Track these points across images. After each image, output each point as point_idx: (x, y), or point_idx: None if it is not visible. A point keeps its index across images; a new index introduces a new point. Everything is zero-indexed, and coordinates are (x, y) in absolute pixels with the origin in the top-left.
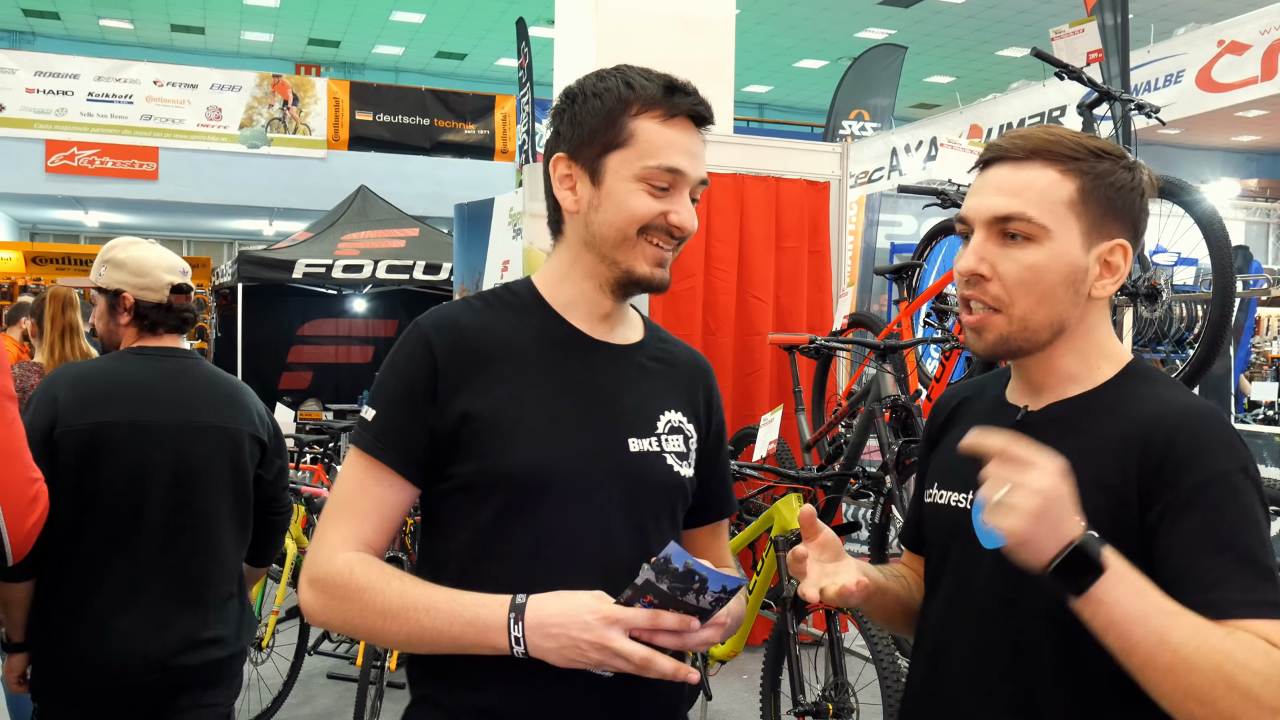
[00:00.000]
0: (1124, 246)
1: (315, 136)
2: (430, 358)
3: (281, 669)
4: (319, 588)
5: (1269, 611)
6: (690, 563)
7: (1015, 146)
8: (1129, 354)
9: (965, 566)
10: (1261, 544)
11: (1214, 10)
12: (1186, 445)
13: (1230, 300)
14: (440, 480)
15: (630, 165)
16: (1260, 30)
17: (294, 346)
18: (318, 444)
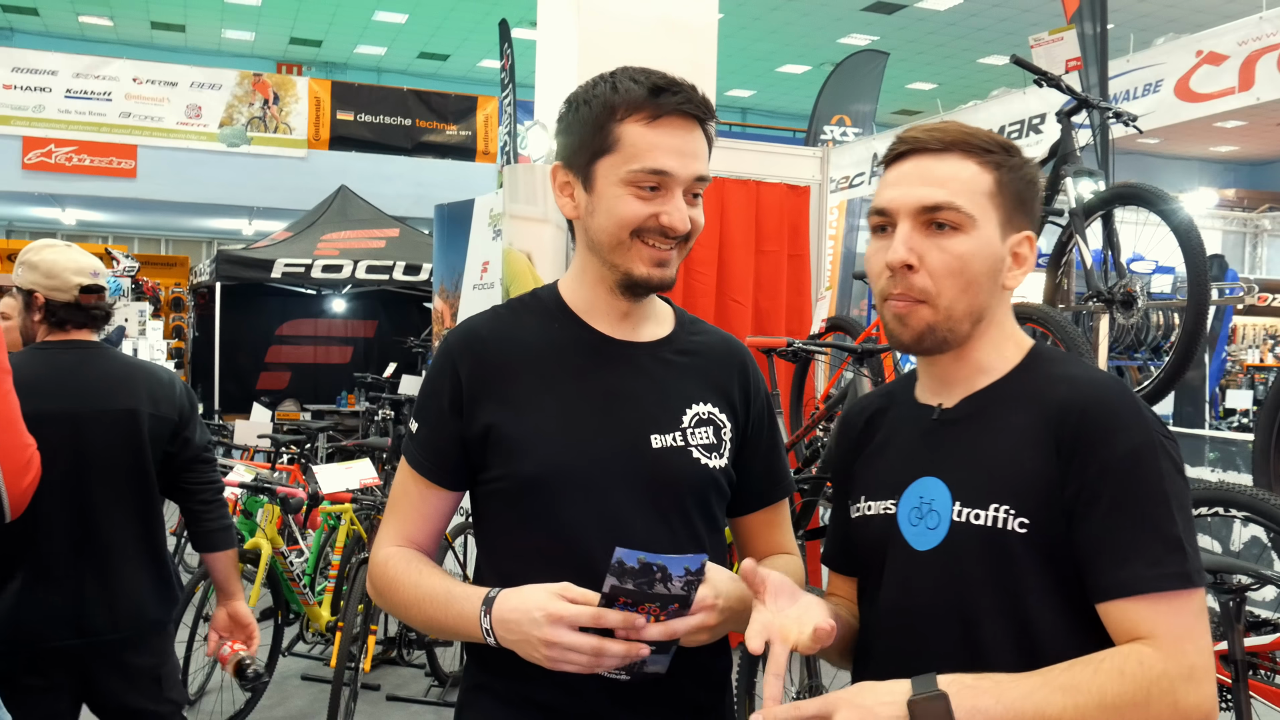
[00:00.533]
0: (1030, 238)
1: (296, 136)
2: (454, 373)
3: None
4: (371, 580)
5: (1174, 582)
6: (642, 557)
7: (932, 138)
8: (1029, 338)
9: (905, 566)
10: (1171, 515)
11: (1192, 21)
12: (1096, 424)
13: (1204, 308)
14: (479, 483)
15: (617, 170)
16: (1238, 41)
17: (272, 346)
18: (294, 444)
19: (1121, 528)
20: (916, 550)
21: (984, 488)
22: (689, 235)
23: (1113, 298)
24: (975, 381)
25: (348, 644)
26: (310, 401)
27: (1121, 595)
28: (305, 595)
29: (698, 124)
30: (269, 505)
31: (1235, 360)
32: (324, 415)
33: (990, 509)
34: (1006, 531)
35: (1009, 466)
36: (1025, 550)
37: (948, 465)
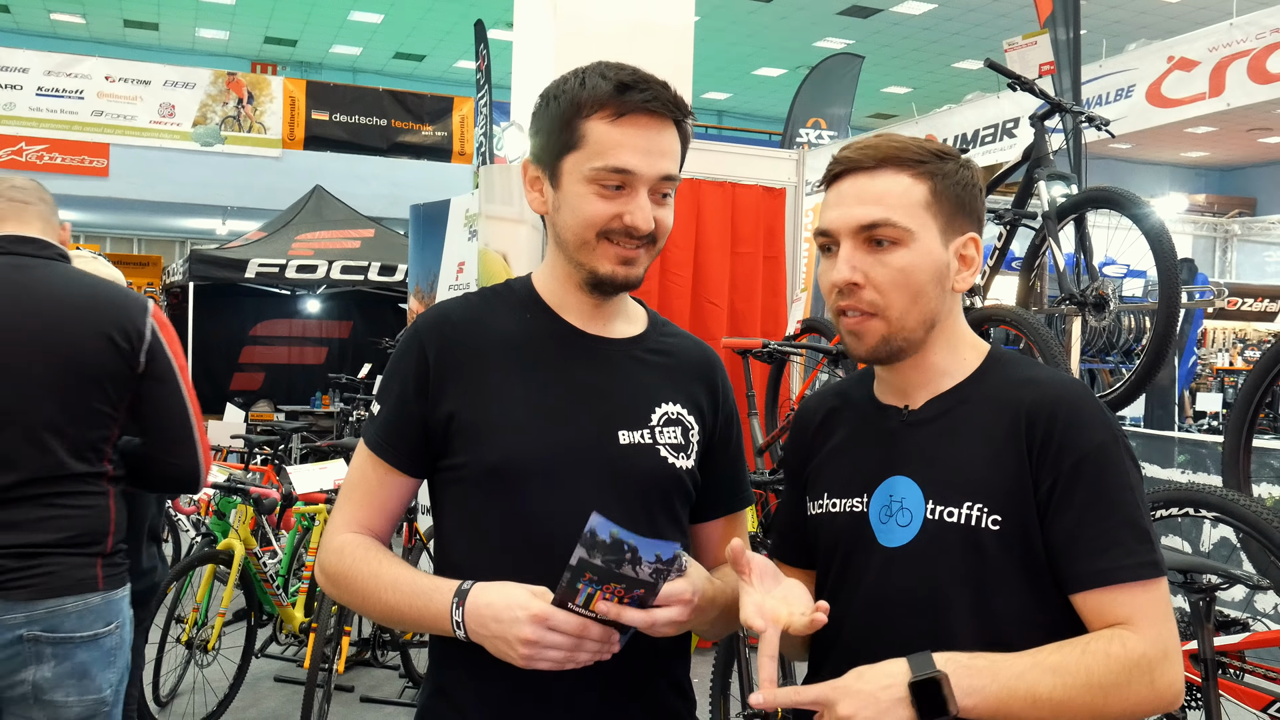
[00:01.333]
0: (975, 239)
1: (270, 135)
2: (422, 354)
3: (228, 671)
4: (321, 569)
5: (1148, 571)
6: (616, 532)
7: (865, 156)
8: (986, 342)
9: (865, 566)
10: (1137, 507)
11: (1164, 27)
12: (1065, 424)
13: (1175, 312)
14: (438, 470)
15: (581, 167)
16: (1209, 48)
17: (246, 347)
18: (268, 445)
19: (1097, 521)
20: (887, 547)
21: (956, 487)
22: (656, 236)
23: (1085, 300)
24: (938, 384)
25: (321, 645)
26: (284, 402)
27: (1101, 584)
28: (279, 596)
29: (667, 122)
30: (242, 506)
31: (1205, 364)
32: (298, 416)
33: (964, 507)
34: (980, 529)
35: (981, 466)
36: (998, 547)
37: (918, 465)
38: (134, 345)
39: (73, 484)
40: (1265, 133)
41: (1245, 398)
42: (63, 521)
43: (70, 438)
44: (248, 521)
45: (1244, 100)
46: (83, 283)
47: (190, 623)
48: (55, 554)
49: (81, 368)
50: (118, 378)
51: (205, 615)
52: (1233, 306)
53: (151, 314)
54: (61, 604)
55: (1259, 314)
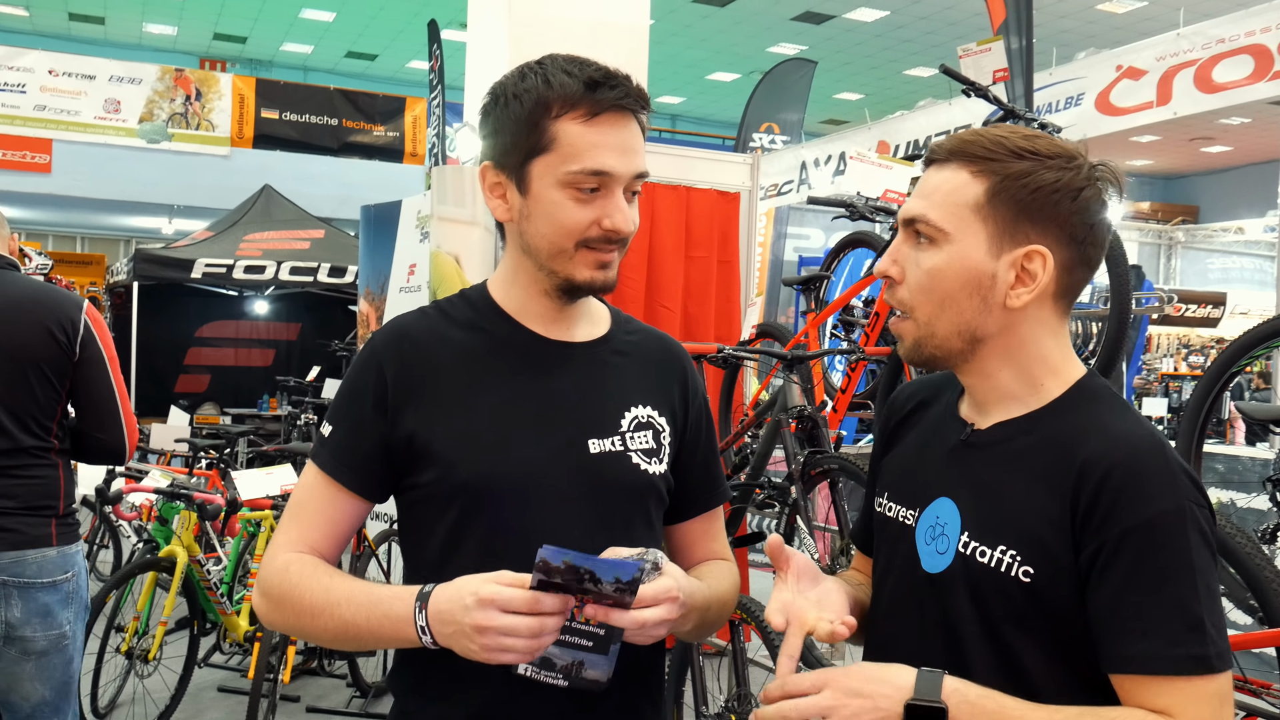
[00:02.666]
0: (1042, 253)
1: (219, 133)
2: (380, 374)
3: (170, 682)
4: (262, 591)
5: (1191, 666)
6: (569, 559)
7: (940, 147)
8: (1080, 369)
9: (906, 582)
10: (1193, 591)
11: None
12: (1119, 487)
13: (1127, 316)
14: (403, 490)
15: (554, 171)
16: (1156, 57)
17: (191, 348)
18: (213, 449)
19: (1139, 600)
20: (923, 569)
21: (994, 526)
22: (629, 236)
23: None
24: (1008, 408)
25: (266, 654)
26: (231, 405)
27: (1135, 671)
28: (223, 604)
29: (635, 116)
30: (185, 512)
31: (1151, 369)
32: (245, 419)
33: (998, 550)
34: (1010, 578)
35: (1023, 510)
36: (1026, 599)
37: (964, 491)
38: (70, 337)
39: (25, 457)
40: (1208, 142)
41: (1196, 404)
42: (18, 488)
43: (20, 417)
44: (191, 528)
45: (1191, 109)
46: (27, 286)
47: (130, 632)
48: (14, 515)
49: (28, 357)
50: (58, 365)
51: (146, 624)
52: (1177, 312)
53: (85, 311)
54: (22, 555)
55: (1202, 320)
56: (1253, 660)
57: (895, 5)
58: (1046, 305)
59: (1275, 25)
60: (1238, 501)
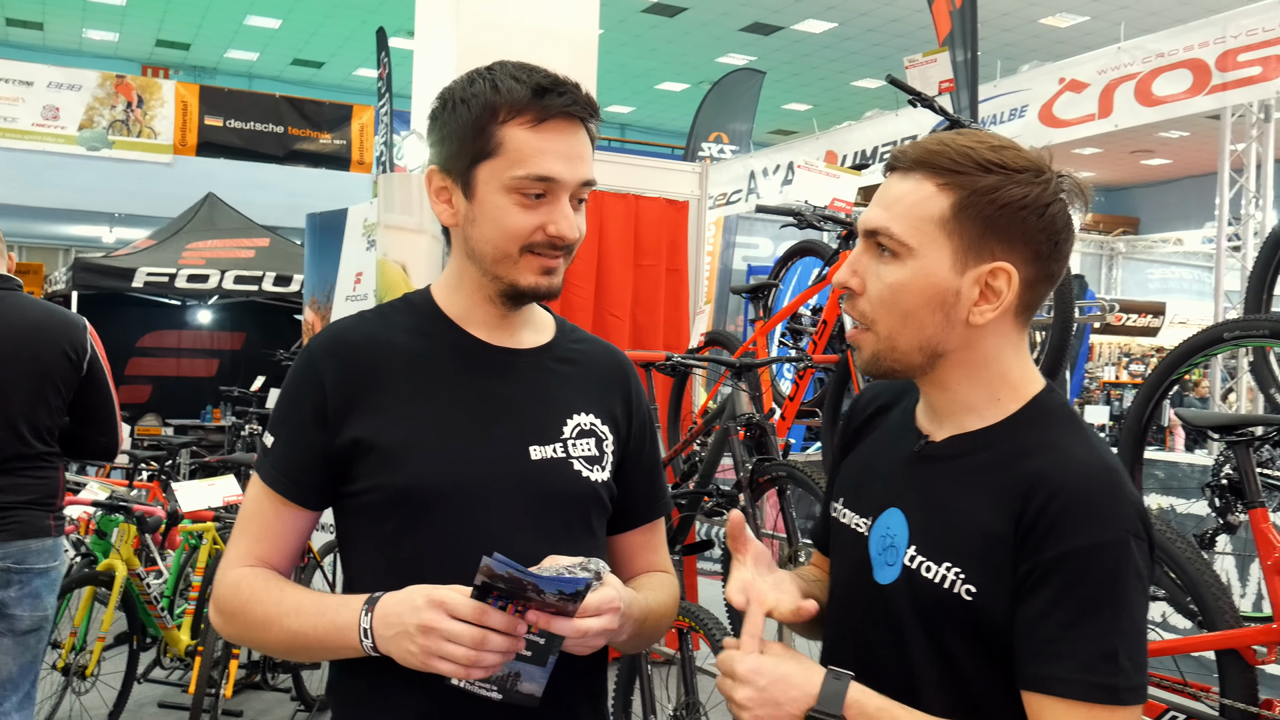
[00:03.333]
0: (1007, 271)
1: (161, 140)
2: (319, 381)
3: (108, 698)
4: (216, 606)
5: (1098, 695)
6: (513, 570)
7: (905, 155)
8: (1038, 384)
9: (858, 589)
10: (1115, 624)
11: (1053, 51)
12: (1062, 509)
13: (1069, 325)
14: (342, 497)
15: (500, 176)
16: (1098, 70)
17: (132, 358)
18: (154, 460)
19: (1062, 624)
20: (874, 579)
21: (941, 542)
22: (575, 244)
23: None
24: (964, 421)
25: (208, 669)
26: (173, 416)
27: (1044, 691)
28: (163, 619)
29: (583, 124)
30: (124, 524)
31: (1092, 377)
32: (187, 430)
33: (943, 566)
34: (954, 594)
35: (970, 528)
36: (969, 616)
37: (914, 504)
38: (79, 357)
39: (35, 460)
40: (1148, 154)
41: (1137, 412)
42: (29, 486)
43: (37, 428)
44: (130, 541)
45: (1131, 121)
46: (40, 308)
47: (68, 647)
48: (23, 509)
49: (45, 374)
50: (68, 381)
51: (84, 639)
52: (1118, 322)
53: (89, 332)
54: (27, 545)
55: (1143, 329)
56: (1191, 664)
57: (843, 17)
58: (1008, 320)
59: (1213, 40)
60: (1177, 507)
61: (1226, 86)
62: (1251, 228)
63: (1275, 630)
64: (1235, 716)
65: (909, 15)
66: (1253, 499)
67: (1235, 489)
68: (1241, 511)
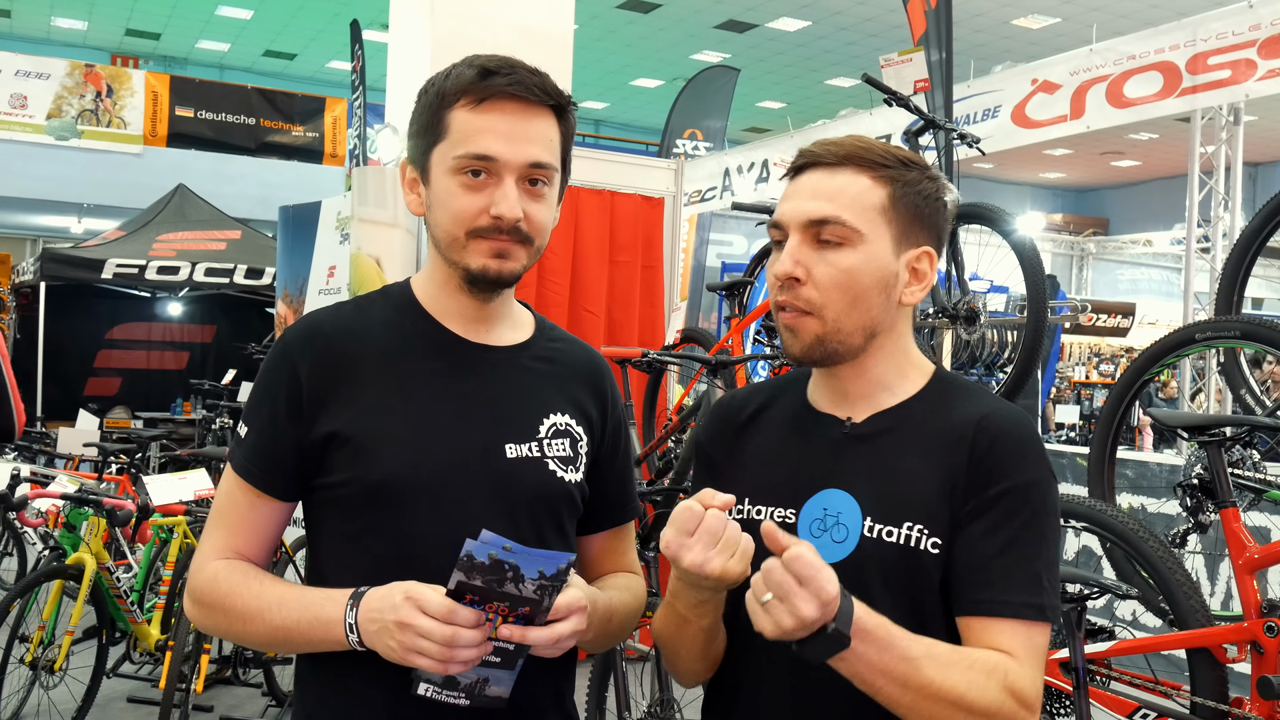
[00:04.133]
0: (930, 254)
1: (131, 131)
2: (293, 372)
3: (76, 693)
4: (193, 598)
5: (1031, 613)
6: (494, 553)
7: (828, 152)
8: (930, 363)
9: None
10: (1039, 551)
11: (1026, 52)
12: (1007, 450)
13: (1043, 324)
14: (314, 490)
15: (445, 158)
16: (1070, 71)
17: (102, 351)
18: (124, 453)
19: (997, 551)
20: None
21: (897, 506)
22: (530, 232)
23: (957, 314)
24: (879, 399)
25: (178, 663)
26: (143, 409)
27: (984, 614)
28: (133, 613)
29: (538, 108)
30: (94, 518)
31: (1064, 377)
32: (158, 423)
33: (904, 527)
34: (919, 550)
35: (923, 487)
36: (936, 569)
37: (859, 480)
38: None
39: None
40: (1118, 156)
41: (1109, 412)
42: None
43: None
44: (100, 534)
45: (1103, 123)
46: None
47: (35, 642)
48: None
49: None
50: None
51: (52, 634)
52: (1089, 322)
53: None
54: None
55: (1113, 329)
56: (1161, 662)
57: (817, 15)
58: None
59: (1183, 43)
60: (1148, 506)
61: (1197, 89)
62: (1220, 230)
63: (1245, 629)
64: (1206, 714)
65: (883, 15)
66: (1224, 499)
67: (1206, 489)
68: (1213, 511)
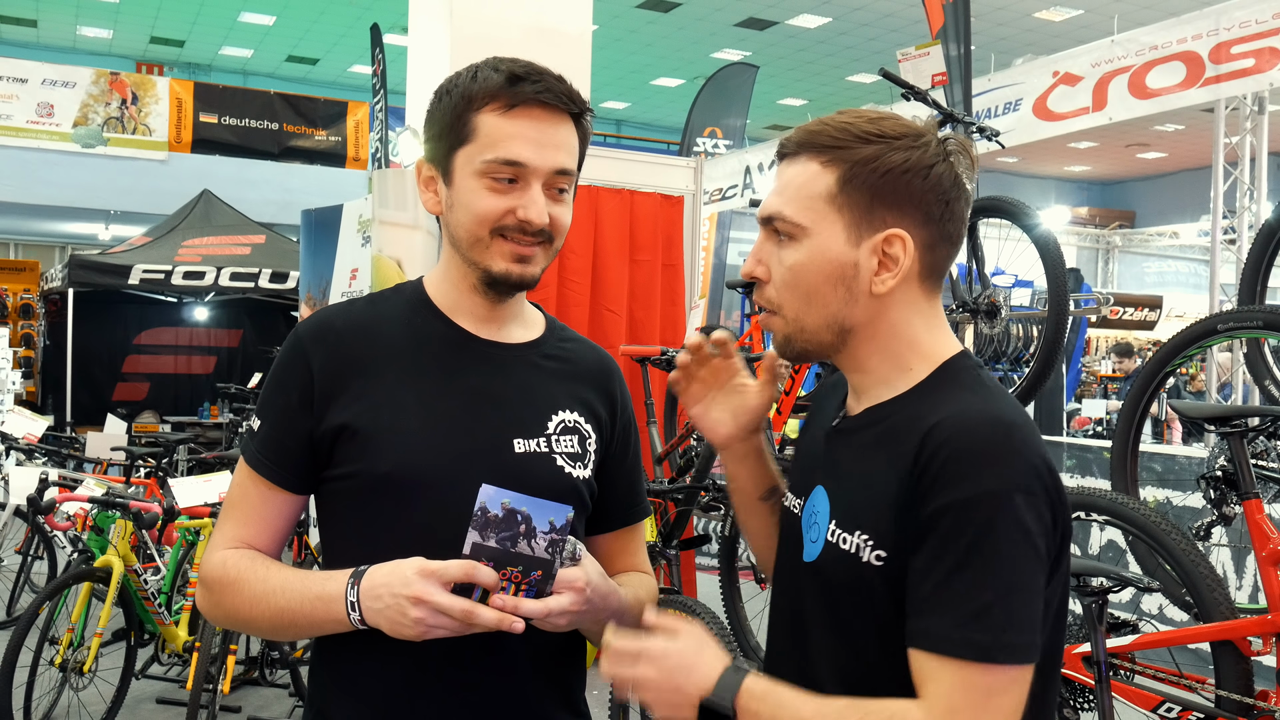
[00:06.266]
0: (900, 236)
1: (156, 138)
2: (306, 366)
3: (106, 694)
4: (204, 585)
5: (967, 652)
6: (508, 501)
7: (788, 141)
8: (950, 350)
9: (790, 567)
10: (987, 578)
11: (1049, 45)
12: (944, 465)
13: (1064, 319)
14: (325, 482)
15: (473, 161)
16: (1091, 63)
17: (130, 356)
18: (151, 457)
19: (933, 577)
20: (802, 559)
21: (854, 512)
22: (553, 234)
23: (977, 308)
24: (877, 393)
25: (205, 664)
26: (170, 413)
27: (920, 646)
28: (160, 614)
29: (562, 115)
30: (121, 521)
31: (1090, 371)
32: (185, 427)
33: (855, 535)
34: (864, 563)
35: (877, 493)
36: (881, 583)
37: (832, 479)
38: None
39: None
40: (1143, 148)
41: (1131, 404)
42: None
43: None
44: (128, 537)
45: (1125, 115)
46: None
47: (65, 644)
48: None
49: None
50: None
51: (81, 636)
52: (1115, 315)
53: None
54: None
55: (1139, 323)
56: (1189, 656)
57: (837, 12)
58: (914, 287)
59: (1206, 33)
60: (1174, 500)
61: (1220, 79)
62: (1246, 220)
63: (1270, 621)
64: (1230, 708)
65: (903, 10)
66: (1247, 490)
67: (1230, 481)
68: (1236, 503)
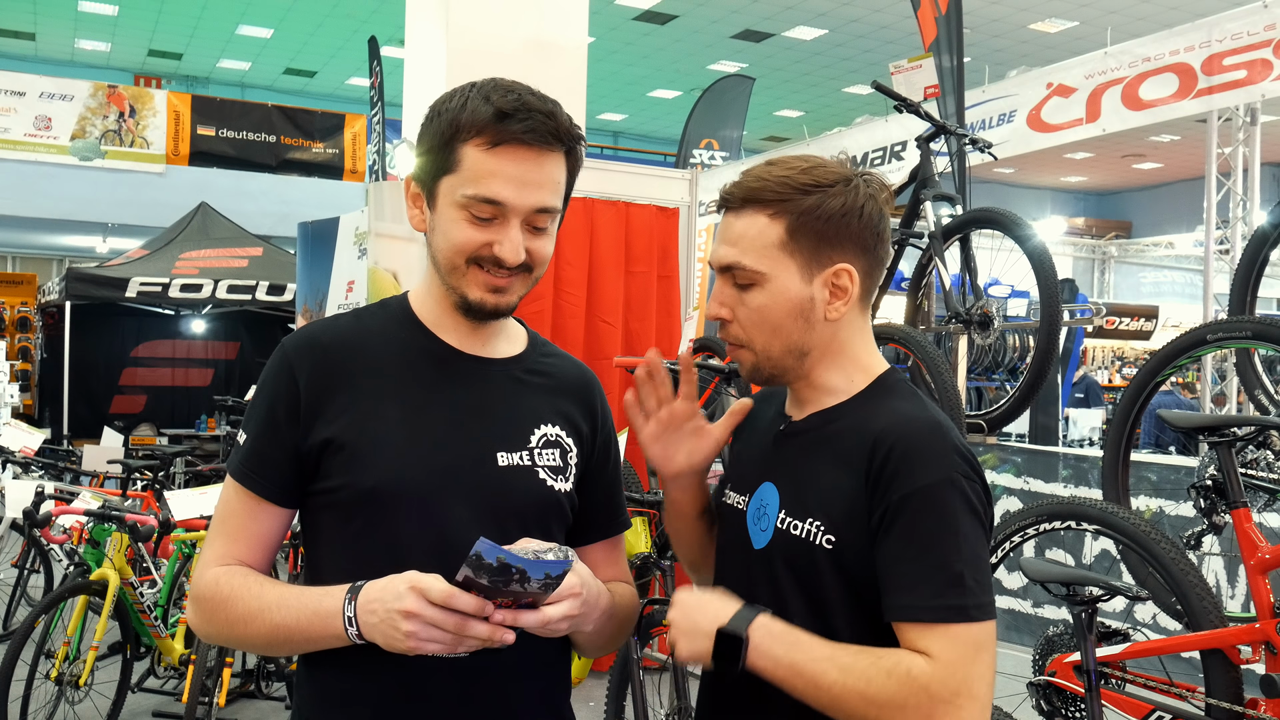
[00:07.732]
0: (848, 270)
1: (153, 150)
2: (292, 380)
3: (102, 708)
4: (195, 604)
5: (951, 615)
6: (503, 556)
7: (732, 195)
8: (882, 365)
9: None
10: (956, 551)
11: (1043, 56)
12: (900, 459)
13: (1056, 329)
14: (310, 495)
15: (454, 192)
16: (1085, 75)
17: (127, 368)
18: (148, 470)
19: (910, 557)
20: (753, 546)
21: (804, 501)
22: (532, 265)
23: (970, 319)
24: (822, 401)
25: (201, 677)
26: (168, 426)
27: (905, 619)
28: (156, 627)
29: (548, 151)
30: (117, 534)
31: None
32: (182, 440)
33: (806, 522)
34: (815, 545)
35: (826, 485)
36: (830, 565)
37: (782, 474)
38: None
39: None
40: (1139, 159)
41: (1122, 414)
42: None
43: None
44: (124, 550)
45: (1119, 126)
46: None
47: (60, 657)
48: None
49: None
50: None
51: (77, 649)
52: (1111, 325)
53: None
54: None
55: (1135, 332)
56: (1182, 665)
57: (833, 24)
58: (855, 309)
59: (1198, 45)
60: (1167, 509)
61: (1213, 90)
62: (1240, 231)
63: (1259, 630)
64: (1221, 716)
65: (899, 22)
66: (1235, 499)
67: (1219, 490)
68: (1225, 512)
